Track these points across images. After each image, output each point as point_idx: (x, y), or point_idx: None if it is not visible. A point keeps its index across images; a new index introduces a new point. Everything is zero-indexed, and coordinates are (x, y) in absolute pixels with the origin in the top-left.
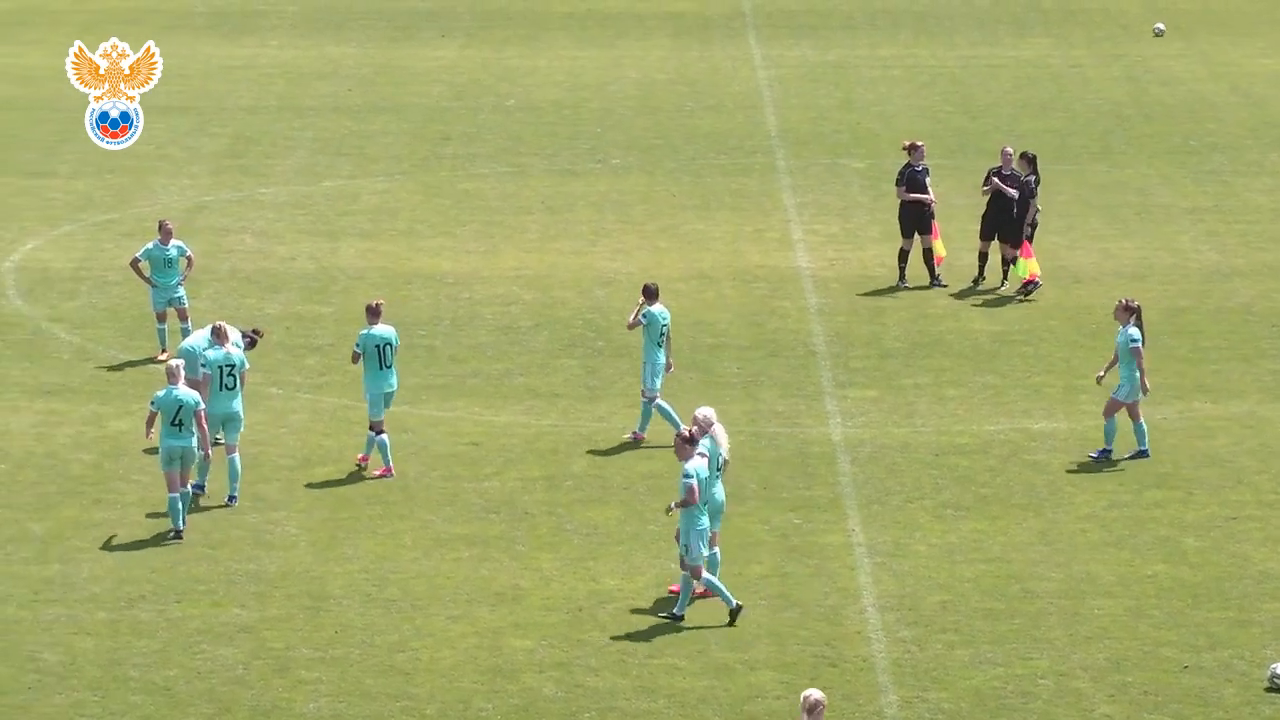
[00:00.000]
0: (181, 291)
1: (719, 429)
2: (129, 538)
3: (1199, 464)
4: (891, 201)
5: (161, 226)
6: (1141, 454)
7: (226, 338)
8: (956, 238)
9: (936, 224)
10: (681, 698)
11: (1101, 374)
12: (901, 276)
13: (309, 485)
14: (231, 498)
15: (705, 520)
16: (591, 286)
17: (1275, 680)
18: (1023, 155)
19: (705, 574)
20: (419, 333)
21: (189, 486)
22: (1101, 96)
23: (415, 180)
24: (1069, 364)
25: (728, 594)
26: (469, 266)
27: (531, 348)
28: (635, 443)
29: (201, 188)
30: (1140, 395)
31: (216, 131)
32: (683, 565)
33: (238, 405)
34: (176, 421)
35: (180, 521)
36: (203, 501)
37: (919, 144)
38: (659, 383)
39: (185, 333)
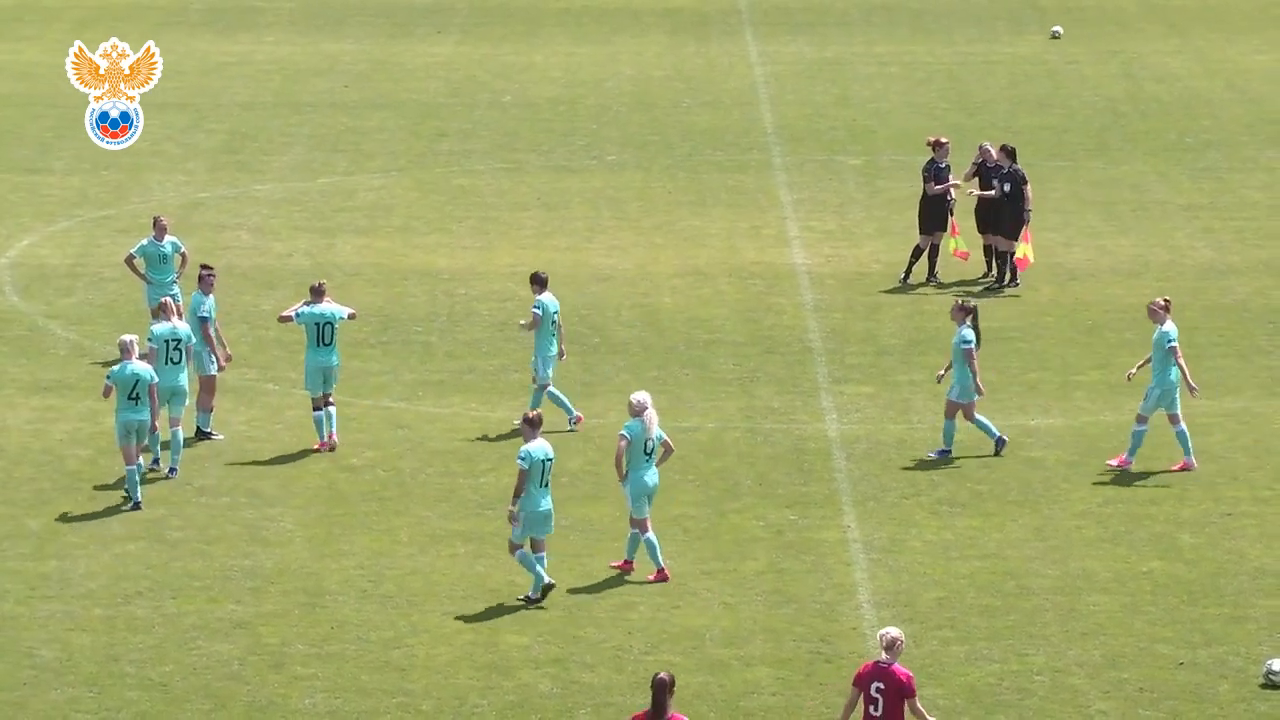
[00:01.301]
0: (176, 289)
1: (651, 414)
2: (125, 534)
3: (1195, 460)
4: (888, 198)
5: (156, 223)
6: (1000, 443)
7: (172, 312)
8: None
9: (955, 221)
10: (677, 693)
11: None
12: (908, 274)
13: (305, 481)
14: (172, 470)
15: (547, 503)
16: (587, 283)
17: (1270, 676)
18: (1002, 148)
19: (521, 552)
20: (415, 329)
21: (145, 463)
22: (1098, 93)
23: (411, 176)
24: (1065, 360)
25: (541, 572)
26: (465, 263)
27: (527, 344)
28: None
29: (198, 184)
30: (975, 396)
31: (212, 128)
32: (509, 548)
33: (183, 379)
34: (133, 395)
35: (138, 494)
36: (202, 497)
37: (944, 140)
38: (550, 371)
39: None
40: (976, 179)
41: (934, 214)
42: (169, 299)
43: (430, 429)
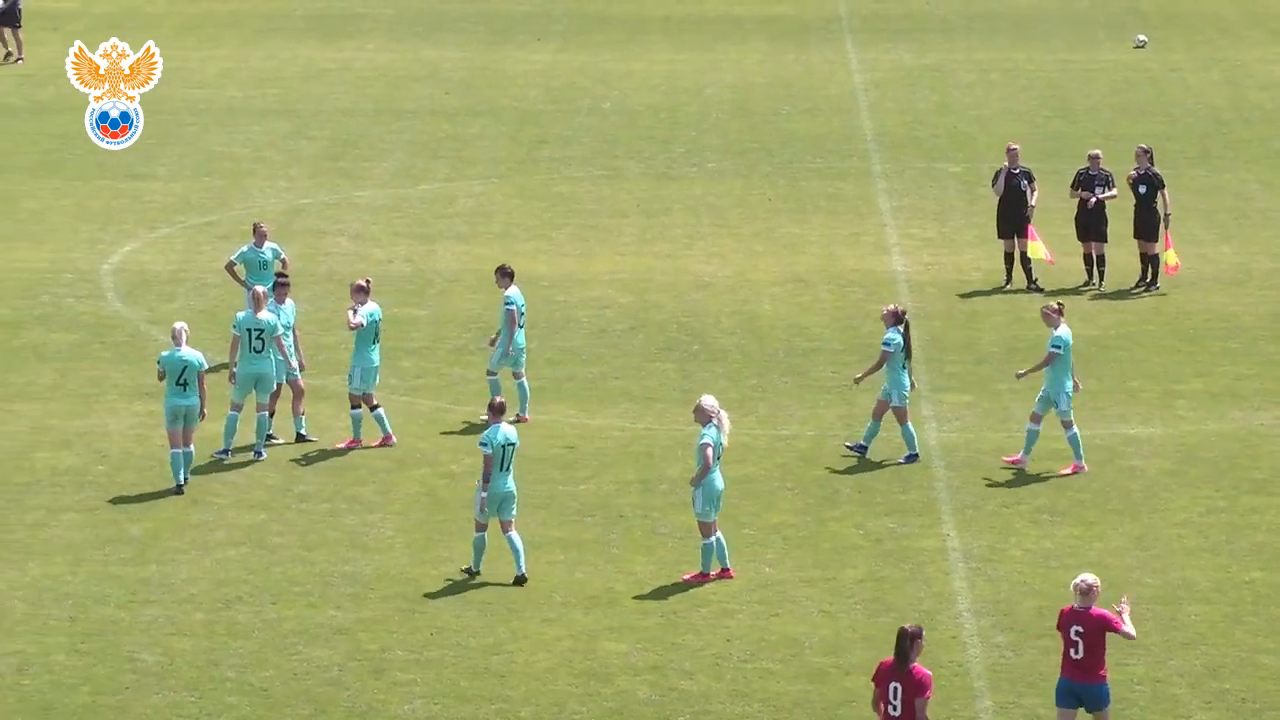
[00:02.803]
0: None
1: (725, 417)
2: (226, 539)
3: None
4: (988, 206)
5: (256, 229)
6: (912, 458)
7: (260, 304)
8: (1053, 241)
9: (1033, 227)
10: (776, 701)
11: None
12: (1009, 278)
13: (405, 488)
14: (258, 453)
15: (507, 484)
16: (687, 290)
17: None
18: (1143, 150)
19: (479, 536)
20: None
21: (191, 447)
22: (1200, 100)
23: (511, 183)
24: (1165, 369)
25: (522, 561)
26: (564, 269)
27: (627, 351)
28: (518, 422)
29: (299, 190)
30: (904, 400)
31: (314, 134)
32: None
33: (268, 366)
34: (181, 381)
35: (180, 477)
36: (303, 504)
37: (1014, 146)
38: (511, 361)
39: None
40: (1082, 189)
41: (1006, 217)
42: (261, 289)
43: (529, 436)
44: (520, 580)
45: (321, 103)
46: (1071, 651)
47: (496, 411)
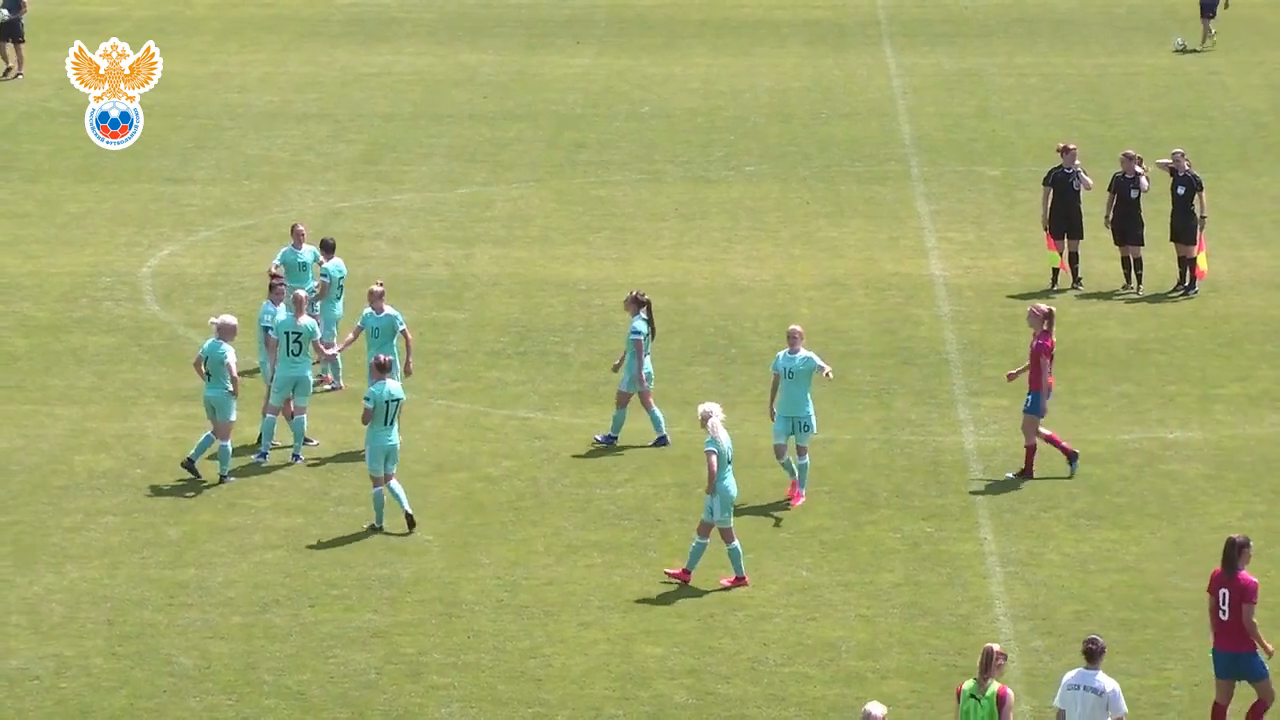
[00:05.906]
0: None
1: (715, 423)
2: (264, 543)
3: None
4: (1026, 209)
5: (294, 230)
6: (661, 441)
7: (301, 308)
8: (1090, 244)
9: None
10: (812, 706)
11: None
12: (1055, 280)
13: (441, 491)
14: (295, 455)
15: (391, 438)
16: (725, 294)
17: None
18: (1179, 153)
19: (375, 491)
20: (552, 339)
21: (228, 442)
22: (1239, 104)
23: (549, 187)
24: (1204, 373)
25: (406, 502)
26: (602, 273)
27: (664, 354)
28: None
29: (337, 194)
30: (645, 385)
31: (353, 138)
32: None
33: (304, 370)
34: (206, 371)
35: (198, 456)
36: (340, 507)
37: (1071, 146)
38: (334, 331)
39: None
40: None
41: (1057, 218)
42: (302, 292)
43: (567, 439)
44: (409, 520)
45: (360, 107)
46: None
47: (380, 369)
